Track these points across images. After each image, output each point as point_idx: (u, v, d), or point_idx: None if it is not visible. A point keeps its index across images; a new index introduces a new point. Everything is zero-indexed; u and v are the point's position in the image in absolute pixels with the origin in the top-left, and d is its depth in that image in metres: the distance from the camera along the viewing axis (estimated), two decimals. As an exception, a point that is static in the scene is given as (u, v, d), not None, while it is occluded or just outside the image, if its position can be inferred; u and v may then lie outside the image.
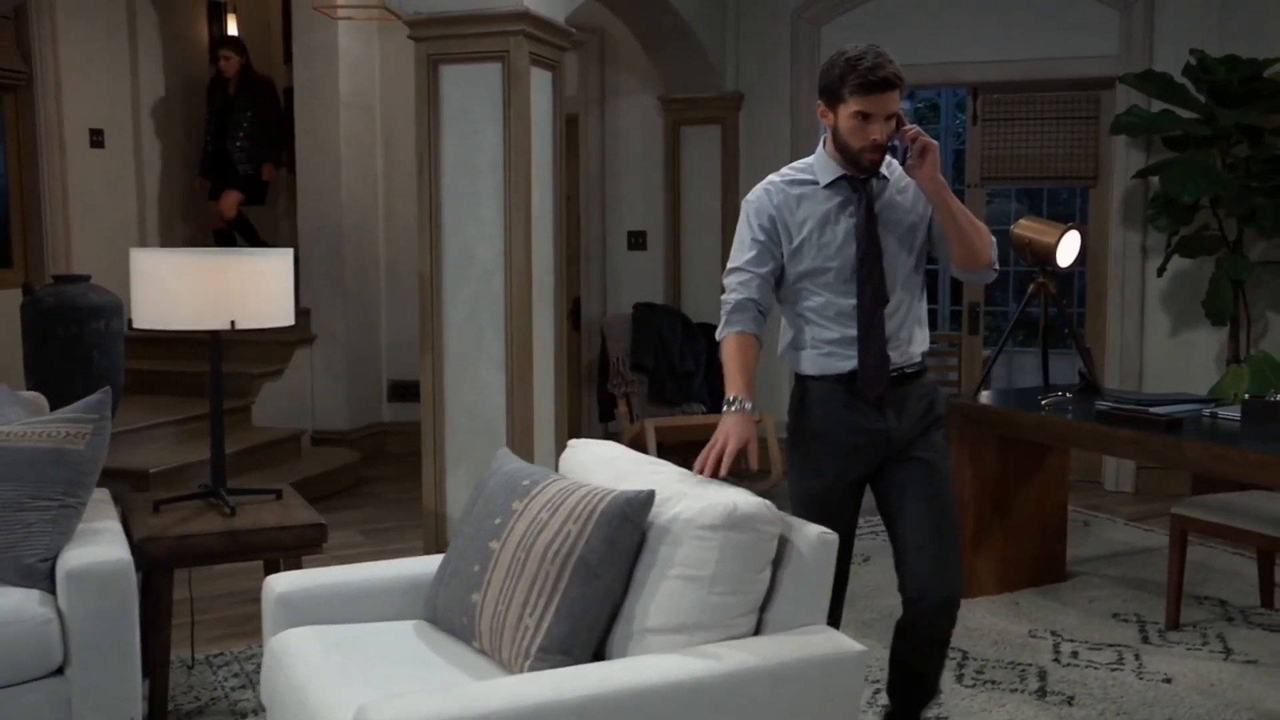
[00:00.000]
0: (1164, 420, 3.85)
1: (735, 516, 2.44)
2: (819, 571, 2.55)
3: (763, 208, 2.93)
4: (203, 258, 3.56)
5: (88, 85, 7.15)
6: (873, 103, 2.77)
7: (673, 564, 2.47)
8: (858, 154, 2.81)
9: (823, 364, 2.92)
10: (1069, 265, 4.51)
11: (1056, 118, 6.57)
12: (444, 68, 4.34)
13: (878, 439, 2.93)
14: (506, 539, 2.62)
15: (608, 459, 2.92)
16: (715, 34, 6.68)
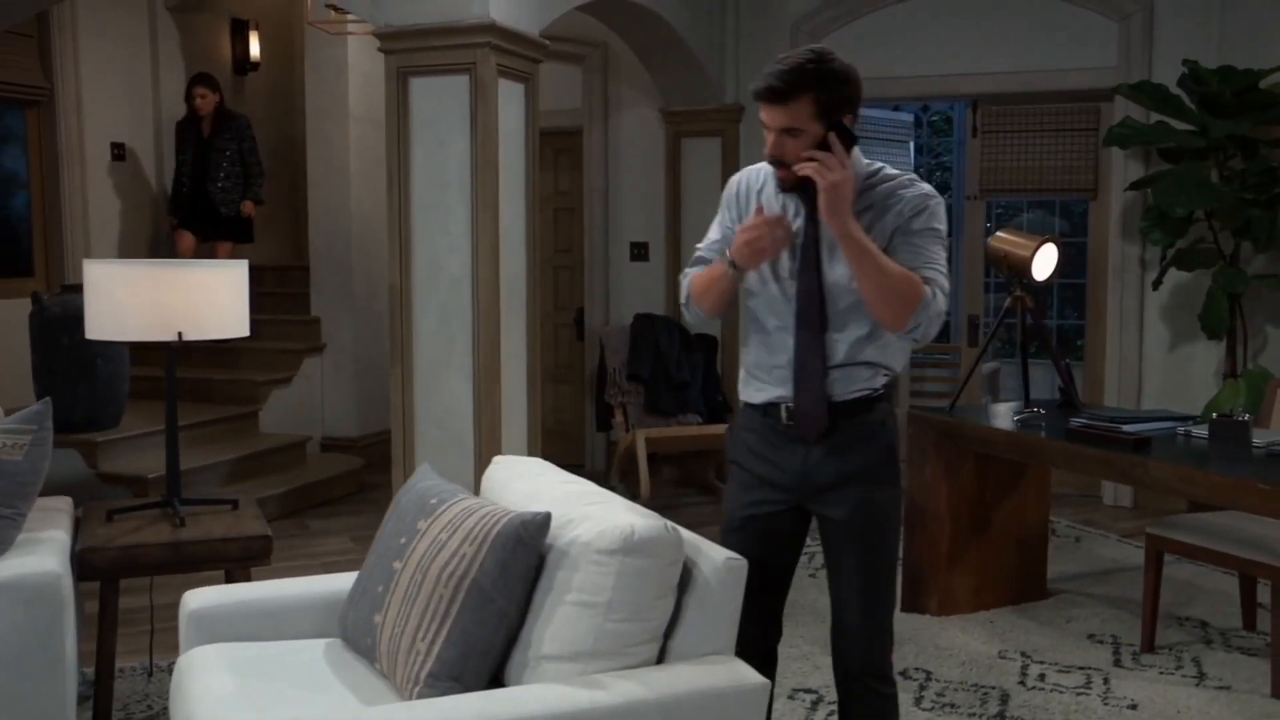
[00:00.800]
0: (1132, 439, 3.62)
1: (632, 541, 2.27)
2: (725, 599, 2.37)
3: (730, 191, 2.64)
4: (150, 269, 3.45)
5: (109, 101, 7.13)
6: (764, 112, 2.39)
7: (569, 589, 2.31)
8: (773, 169, 2.49)
9: (751, 389, 2.63)
10: (1045, 278, 4.28)
11: (1056, 130, 6.32)
12: (413, 80, 4.22)
13: (792, 478, 2.56)
14: (408, 559, 2.47)
15: (526, 476, 2.76)
16: (713, 46, 6.51)
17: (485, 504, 2.47)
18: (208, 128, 7.01)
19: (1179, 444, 3.74)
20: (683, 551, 2.34)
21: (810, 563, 4.96)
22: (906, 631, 4.24)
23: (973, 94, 6.44)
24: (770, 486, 2.60)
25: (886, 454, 2.56)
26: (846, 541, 2.59)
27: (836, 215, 2.32)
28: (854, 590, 2.63)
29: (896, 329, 2.40)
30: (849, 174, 2.35)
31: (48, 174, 6.94)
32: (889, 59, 6.42)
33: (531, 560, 2.34)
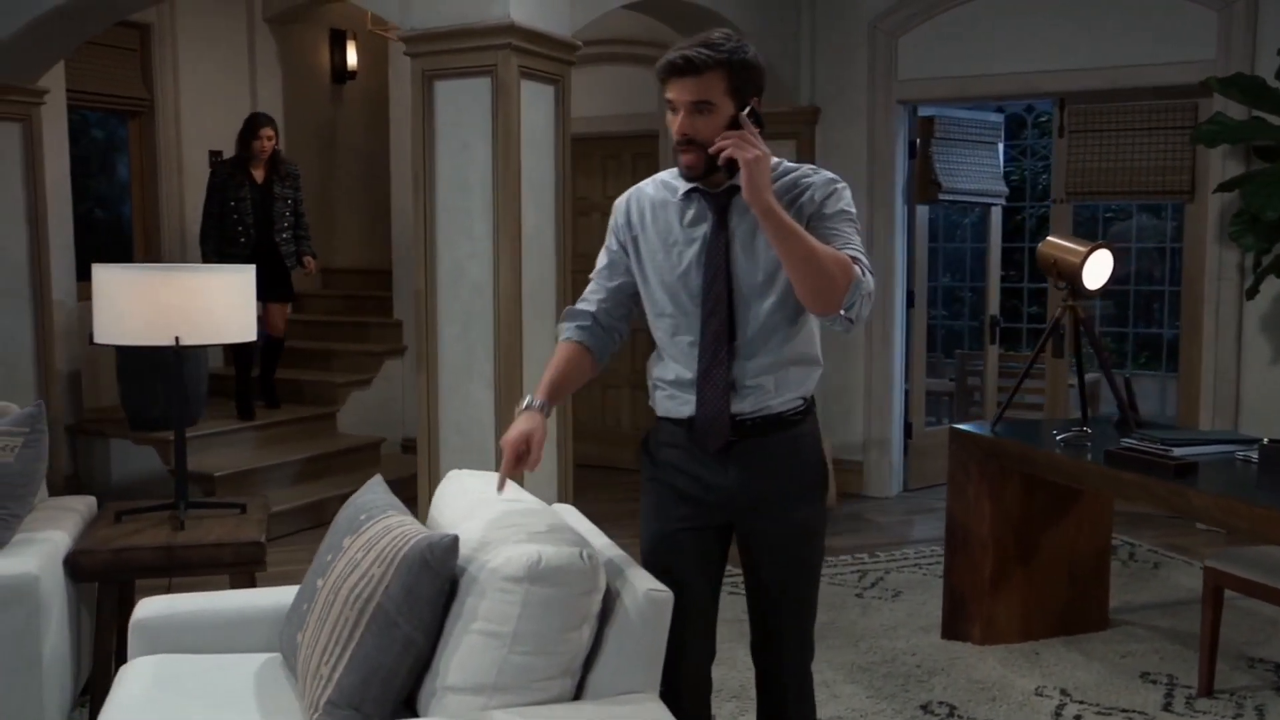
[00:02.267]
0: (1175, 464, 3.23)
1: (538, 569, 2.07)
2: (646, 633, 2.15)
3: (617, 215, 2.42)
4: (149, 274, 3.40)
5: (207, 110, 7.25)
6: (673, 88, 2.18)
7: (476, 617, 2.12)
8: (676, 155, 2.26)
9: (665, 405, 2.39)
10: (1098, 287, 3.89)
11: (1149, 128, 5.84)
12: (438, 83, 4.10)
13: (716, 495, 2.36)
14: (329, 577, 2.33)
15: (470, 493, 2.58)
16: (785, 48, 6.23)
17: (403, 524, 2.30)
18: (263, 173, 6.22)
19: (1232, 470, 3.33)
20: (598, 581, 2.13)
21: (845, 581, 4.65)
22: (942, 660, 3.92)
23: (1059, 91, 5.99)
24: (696, 503, 2.38)
25: (818, 468, 2.43)
26: (776, 558, 2.42)
27: (759, 193, 2.10)
28: (782, 608, 2.46)
29: (830, 311, 2.19)
30: (767, 152, 2.15)
31: (147, 180, 7.10)
32: (968, 57, 6.05)
33: (439, 585, 2.16)
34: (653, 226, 2.35)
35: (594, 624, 2.16)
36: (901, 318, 6.46)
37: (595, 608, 2.14)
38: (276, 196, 6.21)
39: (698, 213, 2.30)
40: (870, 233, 6.35)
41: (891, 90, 6.25)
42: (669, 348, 2.36)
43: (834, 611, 4.44)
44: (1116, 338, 8.71)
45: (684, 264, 2.30)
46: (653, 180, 2.42)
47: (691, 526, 2.39)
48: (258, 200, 6.18)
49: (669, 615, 2.17)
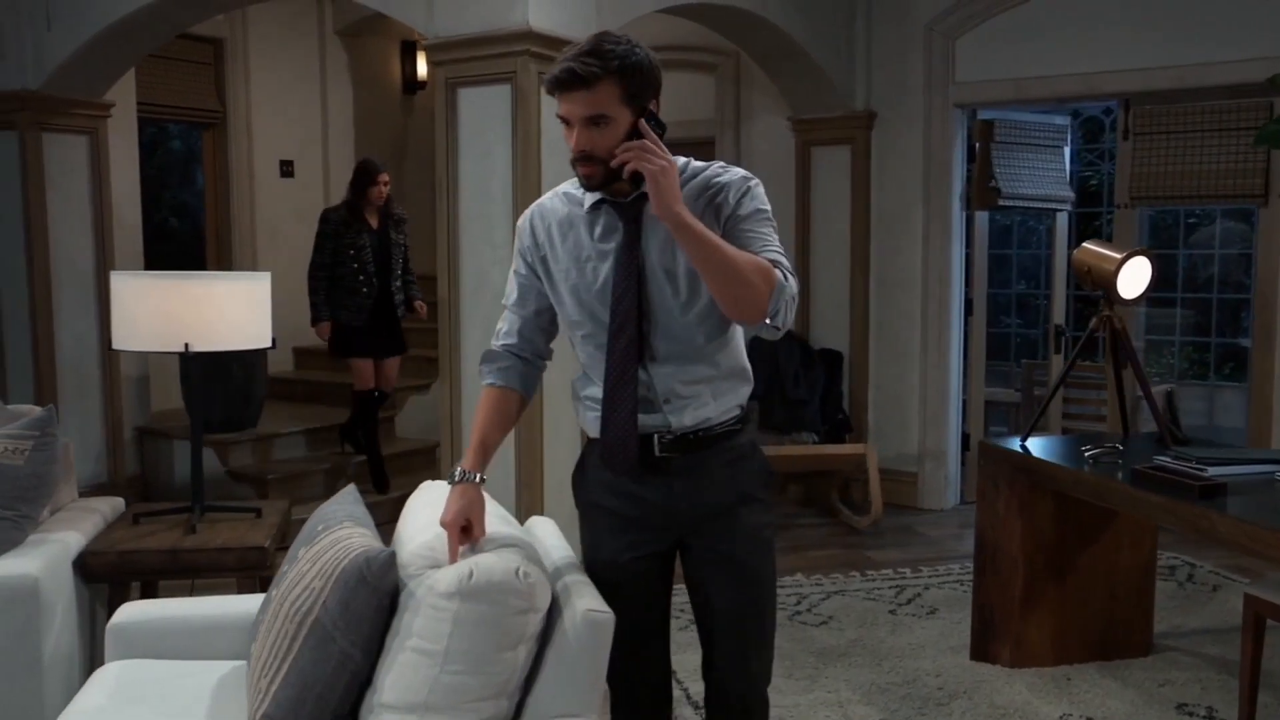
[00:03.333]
0: (1200, 485, 3.00)
1: (469, 586, 1.99)
2: (584, 655, 2.05)
3: (522, 236, 2.28)
4: (160, 280, 3.42)
5: (278, 121, 7.38)
6: (565, 103, 2.06)
7: (412, 634, 2.05)
8: (574, 167, 2.13)
9: (592, 424, 2.27)
10: (1135, 296, 3.66)
11: (1218, 129, 5.51)
12: (461, 91, 4.06)
13: (659, 515, 2.24)
14: (280, 588, 2.28)
15: (438, 503, 2.49)
16: (838, 51, 6.05)
17: (351, 536, 2.24)
18: (378, 219, 5.83)
19: (1269, 492, 3.08)
20: (535, 601, 2.03)
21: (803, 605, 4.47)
22: (967, 683, 3.73)
23: (1121, 92, 5.70)
24: (641, 527, 2.26)
25: (763, 474, 2.31)
26: (724, 575, 2.29)
27: (668, 204, 1.98)
28: (736, 628, 2.32)
29: (754, 319, 2.08)
30: (672, 160, 2.02)
31: (220, 189, 7.24)
32: (1027, 58, 5.80)
33: (377, 600, 2.10)
34: (561, 244, 2.21)
35: (533, 644, 2.07)
36: (959, 326, 6.22)
37: (532, 628, 2.05)
38: (393, 243, 5.84)
39: (608, 224, 2.16)
40: (925, 239, 6.14)
41: (948, 93, 6.03)
42: (594, 366, 2.23)
43: (863, 629, 4.27)
44: (1199, 348, 8.28)
45: (600, 279, 2.17)
46: (554, 194, 2.28)
47: (639, 553, 2.26)
48: (377, 248, 5.75)
49: (609, 637, 2.07)
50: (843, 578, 4.94)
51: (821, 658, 3.98)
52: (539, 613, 2.05)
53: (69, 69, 5.25)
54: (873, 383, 6.35)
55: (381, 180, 5.74)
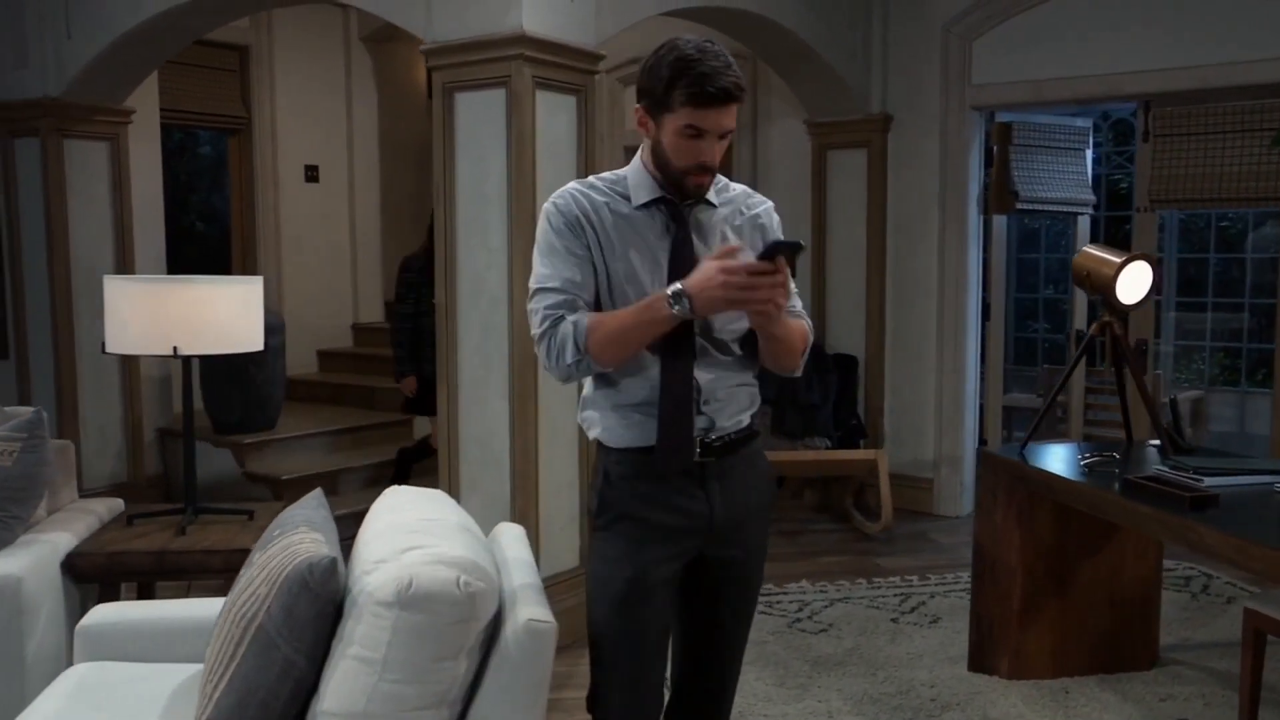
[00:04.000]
0: (1191, 497, 2.90)
1: (407, 594, 1.95)
2: (525, 665, 2.01)
3: (575, 214, 2.15)
4: (149, 285, 3.43)
5: (303, 126, 7.42)
6: (708, 118, 2.05)
7: (353, 642, 2.01)
8: (680, 175, 2.11)
9: (629, 435, 2.18)
10: (1135, 302, 3.55)
11: (1241, 130, 5.36)
12: (458, 95, 4.04)
13: (699, 522, 2.20)
14: (234, 592, 2.26)
15: (400, 509, 2.46)
16: (853, 54, 5.96)
17: (302, 541, 2.21)
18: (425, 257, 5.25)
19: (1265, 504, 2.96)
20: (475, 610, 1.99)
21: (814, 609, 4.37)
22: (960, 694, 3.64)
23: (1140, 94, 5.56)
24: (677, 537, 2.20)
25: (772, 485, 2.37)
26: (736, 586, 2.30)
27: (771, 324, 2.10)
28: (728, 640, 2.33)
29: (789, 372, 2.27)
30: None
31: (245, 194, 7.29)
32: (1045, 60, 5.67)
33: (319, 606, 2.06)
34: (618, 238, 2.16)
35: (475, 654, 2.03)
36: (975, 331, 6.10)
37: (473, 638, 2.00)
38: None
39: (663, 223, 2.16)
40: (941, 243, 6.03)
41: (965, 95, 5.92)
42: (637, 367, 2.15)
43: (862, 637, 4.19)
44: (1230, 353, 8.07)
45: (662, 276, 2.13)
46: (586, 185, 2.20)
47: (674, 565, 2.22)
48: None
49: (551, 647, 2.03)
50: (849, 584, 4.86)
51: (816, 666, 3.90)
52: (479, 622, 2.01)
53: (88, 76, 5.31)
54: (888, 388, 6.25)
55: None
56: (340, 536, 2.54)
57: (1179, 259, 8.17)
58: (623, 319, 2.09)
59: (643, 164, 2.18)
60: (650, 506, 2.19)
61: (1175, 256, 8.15)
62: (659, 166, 2.15)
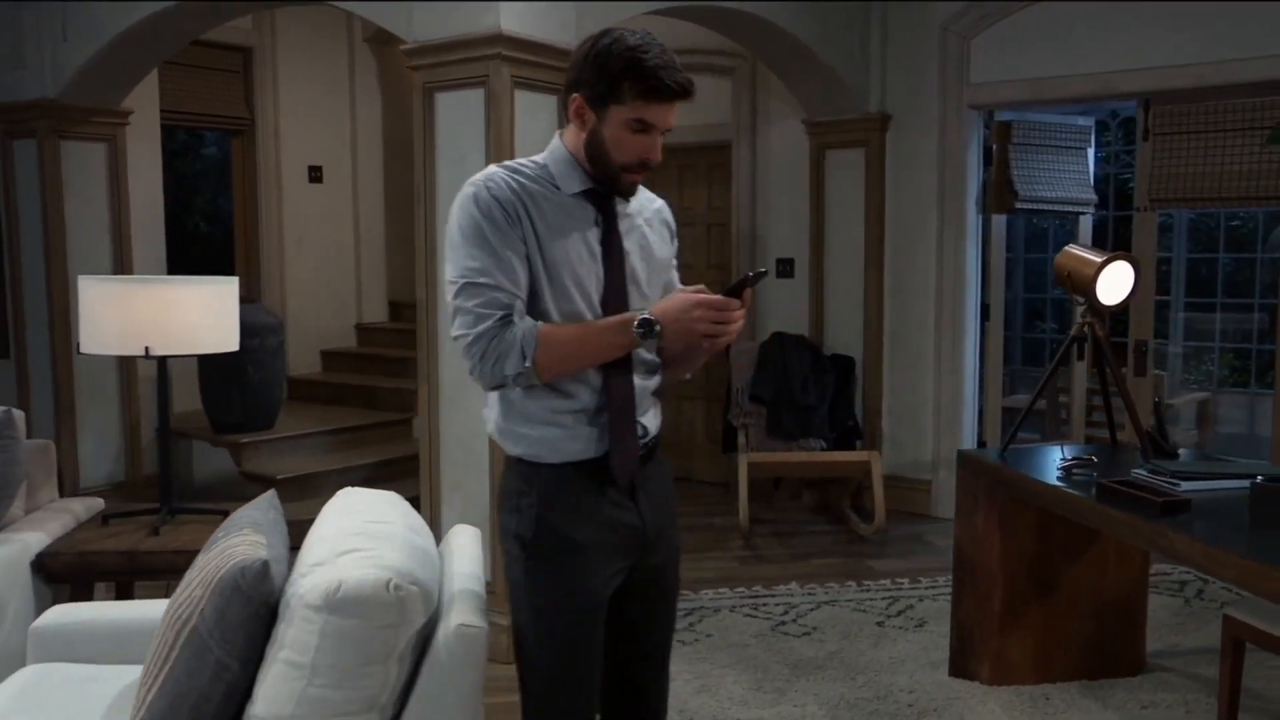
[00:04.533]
0: (1162, 501, 2.83)
1: (335, 598, 1.93)
2: (456, 671, 2.00)
3: (511, 201, 1.99)
4: (121, 285, 3.42)
5: (307, 127, 7.42)
6: (659, 113, 2.00)
7: (284, 645, 1.99)
8: (618, 171, 2.04)
9: (571, 444, 2.08)
10: (1116, 303, 3.47)
11: (1242, 129, 5.26)
12: (438, 95, 4.01)
13: (634, 535, 2.14)
14: (175, 594, 2.24)
15: (348, 512, 2.43)
16: (851, 53, 5.90)
17: (242, 544, 2.18)
18: None
19: (1240, 509, 2.89)
20: (406, 615, 1.96)
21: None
22: (939, 700, 3.58)
23: (1140, 92, 5.46)
24: (619, 555, 2.14)
25: (675, 492, 2.34)
26: (662, 594, 2.27)
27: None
28: (660, 650, 2.31)
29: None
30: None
31: (249, 195, 7.30)
32: (1044, 58, 5.60)
33: (252, 609, 2.04)
34: (553, 221, 2.04)
35: (407, 659, 2.00)
36: (974, 332, 6.03)
37: (403, 643, 1.97)
38: None
39: (591, 214, 2.09)
40: (940, 243, 5.96)
41: (963, 94, 5.84)
42: (578, 373, 2.06)
43: (845, 640, 4.14)
44: (1240, 354, 7.94)
45: (599, 271, 2.08)
46: (512, 170, 2.07)
47: (609, 584, 2.14)
48: None
49: (483, 652, 2.01)
50: (838, 587, 4.80)
51: (796, 670, 3.85)
52: (410, 627, 1.98)
53: (85, 77, 5.32)
54: (886, 388, 6.18)
55: None
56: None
57: (1188, 259, 8.05)
58: (581, 338, 2.02)
59: (569, 153, 2.09)
60: (591, 527, 2.10)
61: (1184, 256, 8.03)
62: (593, 159, 2.06)
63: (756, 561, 5.25)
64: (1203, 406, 6.90)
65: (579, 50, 2.06)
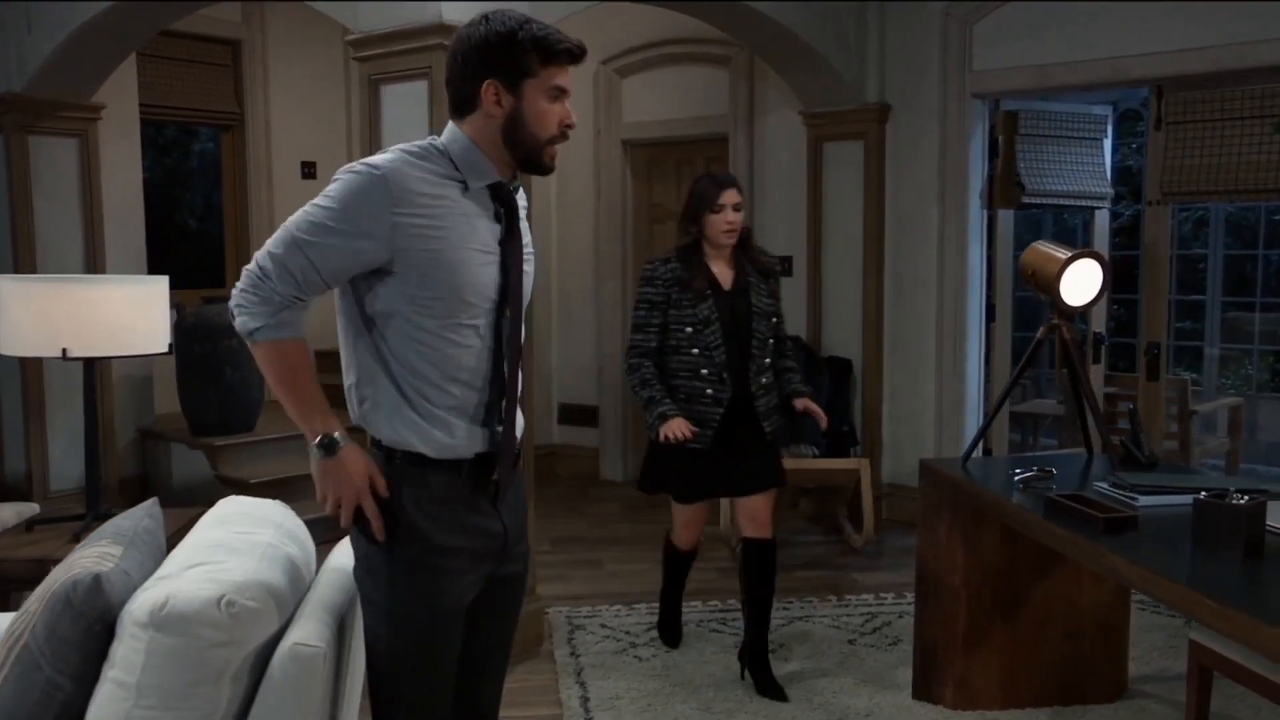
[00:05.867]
0: (1103, 519, 2.70)
1: (160, 615, 1.89)
2: (288, 691, 1.94)
3: (405, 190, 1.98)
4: (41, 285, 3.42)
5: (298, 122, 7.43)
6: (568, 77, 2.09)
7: (114, 664, 1.95)
8: (544, 146, 2.07)
9: (451, 440, 2.07)
10: (1082, 304, 3.34)
11: (1260, 116, 5.07)
12: (384, 87, 3.98)
13: (496, 542, 2.15)
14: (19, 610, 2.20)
15: (223, 520, 2.40)
16: (845, 41, 5.77)
17: (86, 556, 2.14)
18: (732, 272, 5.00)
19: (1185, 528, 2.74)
20: (236, 634, 1.91)
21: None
22: (897, 726, 3.47)
23: (1152, 78, 5.29)
24: (485, 560, 2.15)
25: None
26: (513, 601, 2.29)
27: None
28: (504, 656, 2.32)
29: None
30: None
31: (239, 191, 7.33)
32: (1050, 43, 5.44)
33: (84, 626, 1.99)
34: (450, 216, 2.04)
35: (244, 679, 1.95)
36: (978, 333, 5.87)
37: (237, 662, 1.92)
38: (755, 311, 3.75)
39: (492, 208, 2.12)
40: (941, 239, 5.82)
41: (965, 83, 5.70)
42: (457, 365, 2.07)
43: (811, 659, 4.03)
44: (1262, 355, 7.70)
45: (480, 260, 2.07)
46: (418, 158, 2.05)
47: (472, 592, 2.15)
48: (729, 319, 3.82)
49: (319, 672, 1.95)
50: (816, 602, 4.69)
51: (752, 690, 3.76)
52: (245, 646, 1.93)
53: (50, 71, 5.35)
54: (886, 393, 6.05)
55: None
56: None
57: (1225, 255, 7.81)
58: (294, 385, 2.15)
59: (473, 145, 2.08)
60: (458, 531, 2.10)
61: (1222, 253, 7.80)
62: (515, 143, 2.07)
63: (737, 574, 5.14)
64: (1234, 412, 6.67)
65: (466, 42, 2.06)
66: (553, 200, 7.30)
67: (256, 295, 2.07)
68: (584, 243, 7.23)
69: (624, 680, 3.83)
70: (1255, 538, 2.45)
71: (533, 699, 3.70)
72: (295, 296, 2.07)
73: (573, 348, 7.35)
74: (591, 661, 4.00)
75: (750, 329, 3.70)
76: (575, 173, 7.12)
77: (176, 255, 6.76)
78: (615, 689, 3.75)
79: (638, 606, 4.61)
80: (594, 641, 4.20)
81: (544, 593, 4.56)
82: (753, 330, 3.70)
